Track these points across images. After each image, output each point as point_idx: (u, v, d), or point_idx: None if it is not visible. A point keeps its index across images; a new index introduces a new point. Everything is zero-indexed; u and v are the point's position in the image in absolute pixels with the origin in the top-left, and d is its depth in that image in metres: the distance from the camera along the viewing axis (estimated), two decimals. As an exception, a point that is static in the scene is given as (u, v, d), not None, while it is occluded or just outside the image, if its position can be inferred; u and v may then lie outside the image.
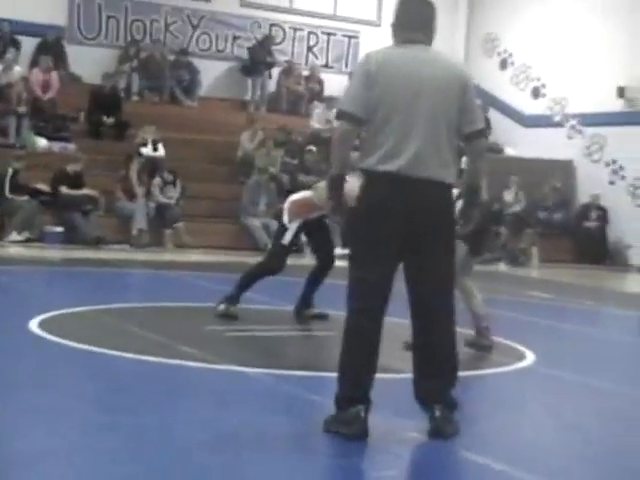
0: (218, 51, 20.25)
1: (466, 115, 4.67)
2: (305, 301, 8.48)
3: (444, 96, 4.60)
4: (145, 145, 16.47)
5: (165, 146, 16.64)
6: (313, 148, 17.63)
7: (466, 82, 4.71)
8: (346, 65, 21.17)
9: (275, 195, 16.56)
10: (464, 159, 5.13)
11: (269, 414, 5.14)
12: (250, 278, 8.39)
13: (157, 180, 15.92)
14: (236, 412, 5.11)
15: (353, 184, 4.90)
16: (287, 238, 8.14)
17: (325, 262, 8.44)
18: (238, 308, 8.30)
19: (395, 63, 4.60)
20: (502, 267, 16.07)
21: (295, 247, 8.94)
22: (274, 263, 8.24)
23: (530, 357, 7.15)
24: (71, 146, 16.53)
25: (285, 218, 8.17)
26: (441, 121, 4.60)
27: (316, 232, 8.49)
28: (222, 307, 8.23)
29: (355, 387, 4.60)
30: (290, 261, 15.51)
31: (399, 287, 4.74)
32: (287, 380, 5.94)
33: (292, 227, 8.11)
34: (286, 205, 8.25)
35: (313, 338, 7.78)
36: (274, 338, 7.66)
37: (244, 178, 16.91)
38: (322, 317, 8.31)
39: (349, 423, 4.54)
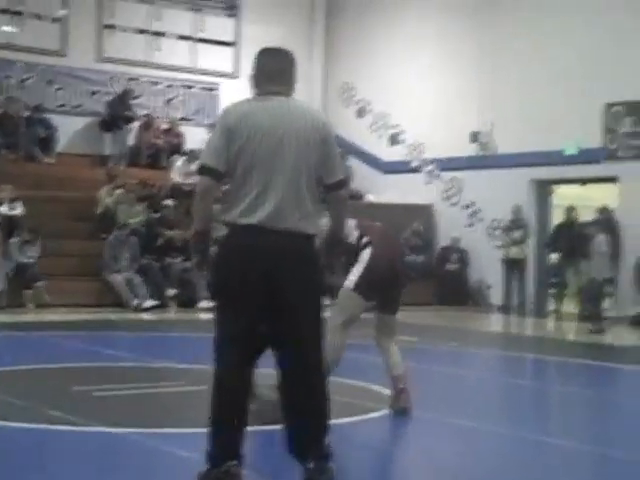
0: (75, 106, 20.02)
1: (327, 166, 4.68)
2: None
3: (305, 147, 4.60)
4: (2, 204, 16.11)
5: (24, 204, 16.30)
6: (170, 203, 17.57)
7: (327, 133, 4.71)
8: (206, 118, 21.18)
9: (138, 249, 16.40)
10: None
11: (140, 474, 5.06)
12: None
13: (15, 239, 15.56)
14: (106, 474, 5.01)
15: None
16: None
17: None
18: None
19: (254, 116, 4.59)
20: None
21: None
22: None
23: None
24: None
25: None
26: (302, 172, 4.60)
27: None
28: None
29: (226, 444, 4.54)
30: (156, 316, 15.42)
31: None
32: (157, 438, 5.85)
33: None
34: None
35: (181, 394, 7.69)
36: (142, 396, 7.55)
37: (105, 234, 16.69)
38: None
39: None
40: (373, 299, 6.76)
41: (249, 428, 4.65)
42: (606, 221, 16.94)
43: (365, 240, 6.74)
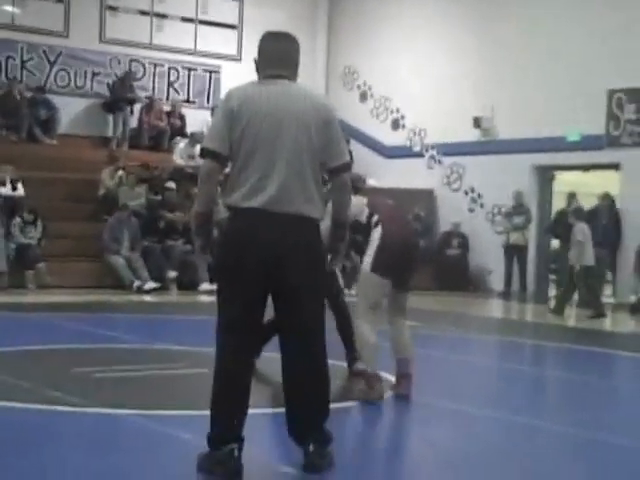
0: (77, 87, 19.99)
1: (330, 149, 4.65)
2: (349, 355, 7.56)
3: (307, 130, 4.59)
4: (3, 185, 16.11)
5: (25, 185, 16.30)
6: (172, 185, 17.56)
7: (329, 116, 4.69)
8: (208, 100, 21.17)
9: (139, 231, 16.40)
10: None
11: (141, 455, 5.07)
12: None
13: (17, 220, 15.57)
14: (107, 455, 5.02)
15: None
16: None
17: (340, 310, 7.45)
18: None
19: (257, 99, 4.59)
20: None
21: None
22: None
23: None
24: None
25: None
26: (305, 156, 4.58)
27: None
28: None
29: (228, 427, 4.57)
30: (157, 298, 15.45)
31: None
32: (158, 420, 5.87)
33: None
34: None
35: (182, 376, 7.71)
36: (143, 377, 7.56)
37: (107, 216, 16.70)
38: None
39: (223, 462, 4.51)
40: (390, 277, 6.67)
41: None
42: (608, 208, 16.96)
43: (375, 219, 6.67)
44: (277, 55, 4.72)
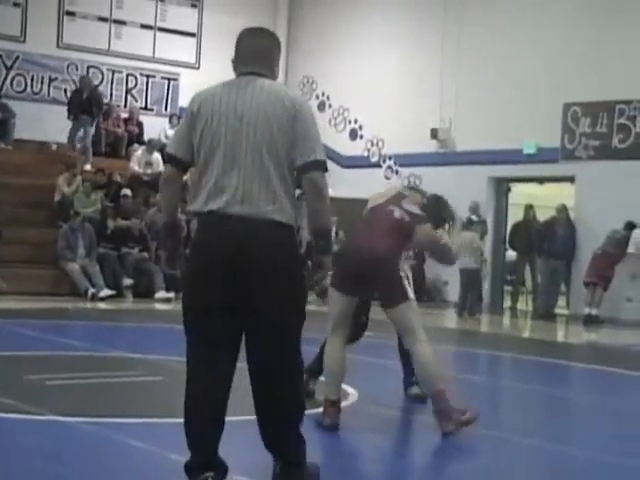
0: (34, 93, 19.85)
1: (297, 146, 4.21)
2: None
3: (269, 127, 4.20)
4: (-42, 189, 15.96)
5: (-21, 190, 16.16)
6: (128, 192, 17.46)
7: (296, 110, 4.24)
8: (166, 108, 21.11)
9: (94, 238, 16.29)
10: None
11: (92, 463, 5.04)
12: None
13: (-29, 225, 15.43)
14: (58, 464, 4.98)
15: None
16: None
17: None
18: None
19: (215, 99, 4.31)
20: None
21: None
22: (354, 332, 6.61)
23: (353, 395, 7.24)
24: None
25: None
26: (267, 154, 4.19)
27: None
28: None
29: (202, 454, 4.23)
30: (112, 306, 15.35)
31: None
32: (111, 428, 5.83)
33: None
34: None
35: (136, 384, 7.67)
36: (97, 385, 7.51)
37: (63, 222, 16.57)
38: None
39: None
40: (353, 293, 6.08)
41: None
42: (565, 220, 17.14)
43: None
44: (250, 52, 4.43)
